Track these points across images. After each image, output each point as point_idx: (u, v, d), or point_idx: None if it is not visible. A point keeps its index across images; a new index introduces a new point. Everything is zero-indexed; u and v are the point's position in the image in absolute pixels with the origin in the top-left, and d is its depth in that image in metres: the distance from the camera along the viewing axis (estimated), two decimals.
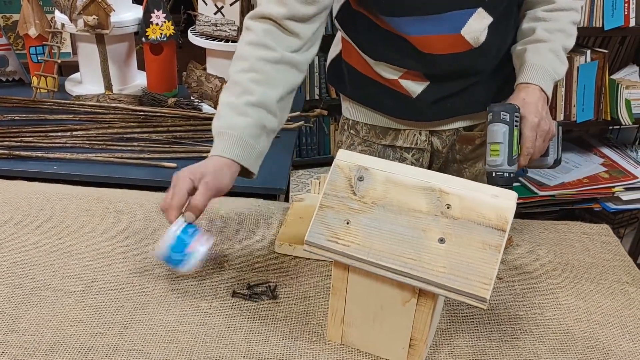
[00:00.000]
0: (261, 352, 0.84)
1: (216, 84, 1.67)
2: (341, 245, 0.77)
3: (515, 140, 1.02)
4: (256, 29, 1.01)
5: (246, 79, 0.99)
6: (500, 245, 0.72)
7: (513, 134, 1.01)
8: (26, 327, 0.86)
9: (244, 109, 0.98)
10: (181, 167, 1.41)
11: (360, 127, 1.27)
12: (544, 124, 1.03)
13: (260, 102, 0.99)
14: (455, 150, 1.28)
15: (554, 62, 1.07)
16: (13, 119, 1.57)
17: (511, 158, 1.01)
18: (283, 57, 1.01)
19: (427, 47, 1.07)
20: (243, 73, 1.00)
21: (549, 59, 1.07)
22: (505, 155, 1.01)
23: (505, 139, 1.00)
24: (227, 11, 1.64)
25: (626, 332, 0.92)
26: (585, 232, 1.18)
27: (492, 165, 1.02)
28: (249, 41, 1.01)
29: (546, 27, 1.09)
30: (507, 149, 1.01)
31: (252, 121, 0.98)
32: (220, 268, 1.02)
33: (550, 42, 1.08)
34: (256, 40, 1.00)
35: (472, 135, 1.25)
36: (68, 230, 1.10)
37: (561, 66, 1.09)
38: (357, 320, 0.84)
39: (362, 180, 0.79)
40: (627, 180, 2.30)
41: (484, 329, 0.91)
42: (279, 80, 1.01)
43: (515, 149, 1.02)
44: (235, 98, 0.99)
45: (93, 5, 1.62)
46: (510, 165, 1.01)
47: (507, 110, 1.01)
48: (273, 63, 1.00)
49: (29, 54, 1.81)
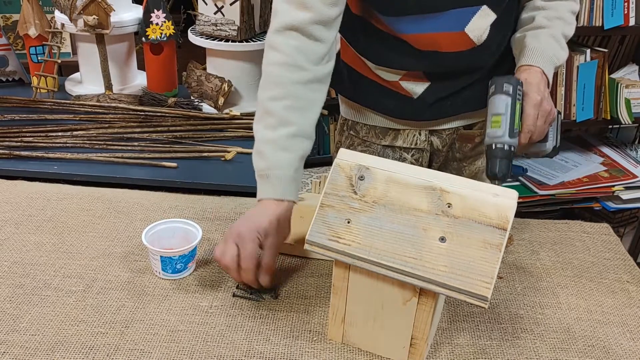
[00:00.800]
0: (262, 352, 0.84)
1: (216, 83, 1.67)
2: (342, 244, 0.77)
3: (517, 113, 0.98)
4: (284, 48, 0.95)
5: (281, 107, 0.94)
6: (501, 244, 0.72)
7: (515, 107, 0.98)
8: (27, 326, 0.86)
9: (285, 144, 0.94)
10: (181, 167, 1.43)
11: (359, 127, 1.27)
12: (546, 103, 1.01)
13: (300, 131, 0.95)
14: (455, 148, 1.28)
15: (554, 47, 1.06)
16: (13, 119, 1.57)
17: (512, 131, 0.97)
18: (315, 75, 0.97)
19: (430, 45, 1.07)
20: (277, 101, 0.94)
21: (549, 43, 1.06)
22: (506, 127, 0.97)
23: (507, 111, 0.97)
24: (227, 11, 1.64)
25: (627, 330, 0.92)
26: (586, 231, 1.18)
27: (492, 136, 0.98)
28: (279, 62, 0.95)
29: (545, 15, 1.08)
30: (508, 120, 0.97)
31: (295, 155, 0.95)
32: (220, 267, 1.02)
33: (549, 28, 1.07)
34: (287, 61, 0.95)
35: (472, 133, 1.25)
36: (69, 230, 1.10)
37: (561, 51, 1.08)
38: (358, 319, 0.84)
39: (363, 180, 0.79)
40: (627, 180, 2.30)
41: (485, 328, 0.91)
42: (315, 101, 0.98)
43: (517, 123, 0.98)
44: (272, 132, 0.94)
45: (93, 5, 1.62)
46: (511, 137, 0.97)
47: (511, 83, 0.98)
48: (307, 84, 0.96)
49: (29, 54, 1.81)
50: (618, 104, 2.23)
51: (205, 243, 1.08)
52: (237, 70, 1.72)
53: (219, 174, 1.42)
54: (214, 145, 1.51)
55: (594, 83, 2.24)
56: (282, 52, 0.95)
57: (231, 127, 1.61)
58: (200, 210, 1.19)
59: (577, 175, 2.33)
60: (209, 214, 1.17)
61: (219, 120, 1.62)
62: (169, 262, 0.96)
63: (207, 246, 1.07)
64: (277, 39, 0.96)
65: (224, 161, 1.46)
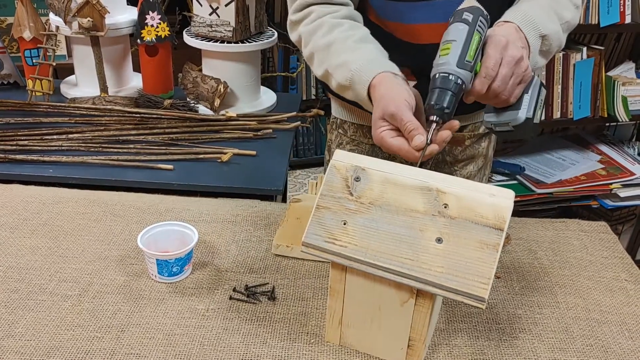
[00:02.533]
0: (259, 355, 0.84)
1: (212, 84, 1.67)
2: (338, 246, 0.77)
3: (473, 46, 0.83)
4: (307, 18, 1.01)
5: (336, 33, 0.97)
6: (498, 244, 0.72)
7: (472, 38, 0.84)
8: (23, 331, 0.86)
9: (355, 45, 0.95)
10: (178, 169, 1.43)
11: (347, 126, 1.27)
12: (513, 49, 0.86)
13: (364, 36, 0.97)
14: (445, 151, 1.26)
15: (538, 13, 0.94)
16: (8, 123, 1.56)
17: (462, 61, 0.83)
18: (347, 12, 1.01)
19: (416, 37, 1.06)
20: (328, 34, 0.98)
21: (532, 7, 0.95)
22: (456, 55, 0.83)
23: (460, 38, 0.83)
24: (222, 12, 1.64)
25: (625, 329, 0.92)
26: (583, 229, 1.18)
27: (437, 64, 0.85)
28: (308, 22, 1.01)
29: None
30: (460, 48, 0.83)
31: (370, 47, 0.96)
32: (217, 270, 1.01)
33: (536, 0, 0.98)
34: (314, 17, 1.00)
35: (462, 136, 1.23)
36: (64, 233, 1.09)
37: (548, 22, 0.95)
38: (355, 321, 0.83)
39: (358, 181, 0.79)
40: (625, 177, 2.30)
41: (483, 328, 0.91)
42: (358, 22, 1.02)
43: (471, 55, 0.83)
44: (342, 45, 0.96)
45: (87, 7, 1.61)
46: (460, 68, 0.82)
47: (472, 12, 0.85)
48: (343, 18, 1.00)
49: (23, 57, 1.80)
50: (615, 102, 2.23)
51: (202, 246, 1.07)
52: (233, 72, 1.71)
53: (216, 175, 1.42)
54: (210, 147, 1.51)
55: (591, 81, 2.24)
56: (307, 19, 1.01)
57: (227, 128, 1.60)
58: (196, 212, 1.18)
59: (575, 174, 2.33)
60: (205, 216, 1.17)
61: (215, 122, 1.61)
62: (165, 265, 0.96)
63: (204, 249, 1.07)
64: (300, 17, 1.02)
65: (221, 163, 1.46)
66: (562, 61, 2.18)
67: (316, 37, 0.99)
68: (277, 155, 1.51)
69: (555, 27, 0.97)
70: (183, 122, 1.60)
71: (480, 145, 1.26)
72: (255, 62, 1.76)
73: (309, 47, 1.02)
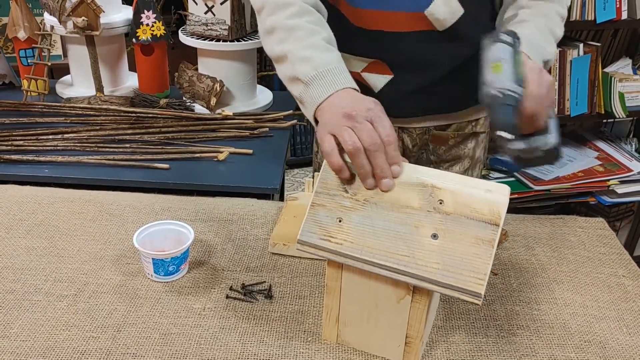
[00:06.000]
0: (256, 353, 0.84)
1: (208, 83, 1.66)
2: (334, 243, 0.77)
3: (518, 65, 0.84)
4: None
5: (304, 21, 0.93)
6: (494, 240, 0.72)
7: (516, 58, 0.84)
8: (18, 332, 0.85)
9: (326, 45, 0.92)
10: (174, 168, 1.42)
11: None
12: (547, 74, 0.87)
13: (330, 39, 0.95)
14: (429, 150, 1.24)
15: (540, 38, 0.97)
16: (3, 123, 1.56)
17: (516, 77, 0.83)
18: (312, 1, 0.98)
19: (387, 24, 1.04)
20: (296, 17, 0.93)
21: (533, 34, 0.97)
22: (509, 73, 0.83)
23: (507, 58, 0.84)
24: (217, 10, 1.63)
25: (623, 325, 0.91)
26: (581, 226, 1.18)
27: (492, 82, 0.84)
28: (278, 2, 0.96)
29: (529, 12, 1.02)
30: (511, 66, 0.84)
31: (338, 55, 0.93)
32: (213, 269, 1.01)
33: (533, 22, 0.99)
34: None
35: (445, 135, 1.21)
36: (60, 233, 1.09)
37: (548, 46, 0.98)
38: (352, 319, 0.83)
39: (353, 178, 0.78)
40: (622, 173, 2.29)
41: (481, 325, 0.90)
42: (324, 21, 0.99)
43: (521, 73, 0.84)
44: (308, 39, 0.92)
45: (82, 6, 1.60)
46: (517, 84, 0.82)
47: (509, 34, 0.86)
48: (312, 5, 0.97)
49: (18, 57, 1.80)
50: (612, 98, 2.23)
51: (198, 245, 1.07)
52: (228, 70, 1.71)
53: (212, 174, 1.41)
54: (206, 145, 1.50)
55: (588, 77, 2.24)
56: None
57: (224, 127, 1.60)
58: (193, 211, 1.18)
59: (572, 170, 2.32)
60: (202, 215, 1.17)
61: (212, 121, 1.61)
62: (161, 265, 0.95)
63: (200, 248, 1.06)
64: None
65: (217, 162, 1.46)
66: (558, 58, 2.18)
67: (283, 14, 0.95)
68: (273, 154, 1.51)
69: (553, 49, 1.00)
70: (179, 121, 1.60)
71: (466, 146, 1.24)
72: (251, 60, 1.76)
73: (272, 19, 0.96)
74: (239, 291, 0.95)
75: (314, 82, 0.87)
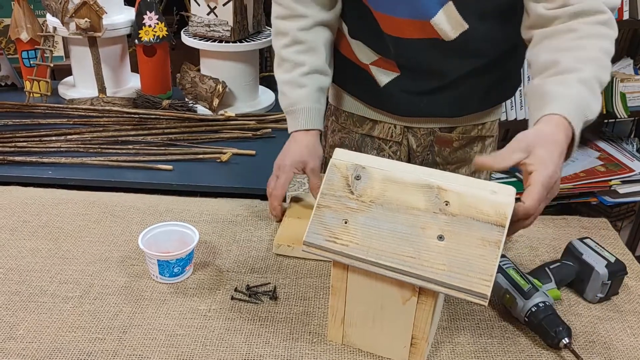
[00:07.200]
0: (262, 355, 0.84)
1: (210, 84, 1.67)
2: (340, 245, 0.77)
3: (513, 275, 0.92)
4: (284, 1, 1.10)
5: (292, 52, 1.11)
6: (500, 241, 0.72)
7: (509, 274, 0.92)
8: (24, 334, 0.86)
9: (300, 81, 1.10)
10: (177, 169, 1.42)
11: (339, 113, 1.28)
12: (558, 183, 0.81)
13: (312, 69, 1.11)
14: (434, 152, 1.24)
15: (586, 95, 0.85)
16: (6, 124, 1.56)
17: (523, 291, 0.89)
18: (315, 20, 1.11)
19: (397, 30, 1.05)
20: (287, 48, 1.11)
21: (581, 92, 0.85)
22: (517, 294, 0.89)
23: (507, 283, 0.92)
24: (220, 12, 1.64)
25: (627, 326, 0.92)
26: (584, 226, 1.18)
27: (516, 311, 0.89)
28: (282, 15, 1.11)
29: (571, 58, 0.88)
30: (514, 289, 0.90)
31: (312, 89, 1.11)
32: (218, 270, 1.01)
33: (579, 74, 0.86)
34: (288, 14, 1.10)
35: (450, 137, 1.21)
36: (64, 235, 1.09)
37: (592, 103, 0.86)
38: (357, 320, 0.83)
39: (359, 179, 0.79)
40: (624, 173, 2.30)
41: (485, 326, 0.91)
42: (321, 42, 1.12)
43: (522, 283, 0.90)
44: (289, 74, 1.11)
45: (85, 8, 1.61)
46: (527, 298, 0.88)
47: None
48: (310, 29, 1.11)
49: (21, 59, 1.80)
50: (613, 98, 2.23)
51: (203, 246, 1.07)
52: (231, 71, 1.71)
53: (215, 175, 1.42)
54: (209, 147, 1.51)
55: None
56: (283, 5, 1.11)
57: (226, 128, 1.60)
58: (196, 212, 1.18)
59: (574, 170, 2.32)
60: (205, 216, 1.17)
61: (214, 122, 1.61)
62: (166, 266, 0.96)
63: (205, 249, 1.06)
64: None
65: (220, 163, 1.46)
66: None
67: (279, 43, 1.13)
68: (276, 155, 1.49)
69: (599, 105, 0.88)
70: (182, 122, 1.60)
71: (472, 150, 1.24)
72: (254, 61, 1.76)
73: (273, 43, 1.16)
74: (244, 292, 0.95)
75: (287, 115, 1.15)
